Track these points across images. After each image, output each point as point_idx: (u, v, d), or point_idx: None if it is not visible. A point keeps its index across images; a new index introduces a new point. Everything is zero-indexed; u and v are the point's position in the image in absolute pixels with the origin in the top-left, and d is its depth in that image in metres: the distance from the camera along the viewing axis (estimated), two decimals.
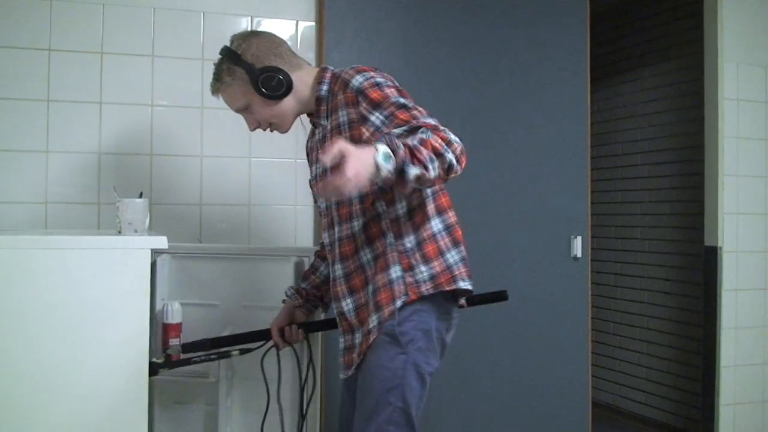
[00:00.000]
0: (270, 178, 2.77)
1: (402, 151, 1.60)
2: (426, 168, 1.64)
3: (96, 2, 2.58)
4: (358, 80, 1.87)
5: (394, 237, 1.88)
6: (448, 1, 3.00)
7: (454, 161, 1.71)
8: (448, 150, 1.70)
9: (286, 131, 2.09)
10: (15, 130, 2.50)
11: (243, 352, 2.21)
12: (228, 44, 2.01)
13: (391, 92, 1.84)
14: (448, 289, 1.87)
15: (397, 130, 1.75)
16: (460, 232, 1.94)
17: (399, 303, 1.83)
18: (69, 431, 1.82)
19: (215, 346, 2.18)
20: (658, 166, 4.32)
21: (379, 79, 1.86)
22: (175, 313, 2.40)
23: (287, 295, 2.24)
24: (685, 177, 4.09)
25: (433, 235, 1.89)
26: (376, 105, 1.84)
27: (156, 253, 2.31)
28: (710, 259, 3.49)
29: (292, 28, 2.82)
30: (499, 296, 2.29)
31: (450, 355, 2.08)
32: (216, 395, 2.37)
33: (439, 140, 1.70)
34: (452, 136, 1.74)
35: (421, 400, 1.89)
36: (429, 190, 1.90)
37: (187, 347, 2.17)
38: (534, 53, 3.10)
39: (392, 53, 2.92)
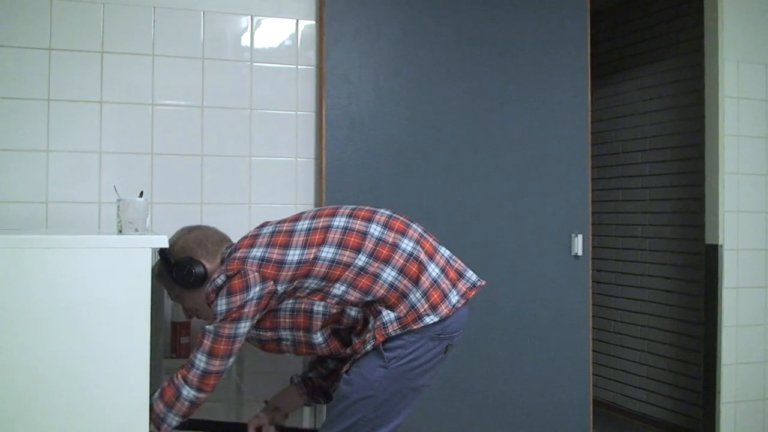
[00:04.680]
0: (270, 177, 2.77)
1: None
2: (163, 420, 1.93)
3: (96, 1, 2.58)
4: (216, 305, 1.98)
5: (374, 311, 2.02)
6: None
7: (193, 394, 1.93)
8: (183, 386, 1.93)
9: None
10: (15, 130, 2.50)
11: None
12: None
13: (217, 319, 1.96)
14: (416, 327, 1.94)
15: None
16: (415, 266, 1.99)
17: (369, 347, 1.97)
18: (69, 430, 1.82)
19: (191, 428, 2.18)
20: (658, 164, 4.32)
21: (221, 309, 1.95)
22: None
23: (293, 382, 2.29)
24: (685, 175, 4.09)
25: (391, 286, 1.97)
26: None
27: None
28: (711, 257, 3.49)
29: (292, 27, 2.82)
30: None
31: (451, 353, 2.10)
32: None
33: (176, 383, 1.94)
34: (194, 369, 1.94)
35: (399, 413, 2.02)
36: (362, 258, 1.98)
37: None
38: (534, 51, 3.10)
39: (392, 51, 2.92)
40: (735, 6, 3.47)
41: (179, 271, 2.08)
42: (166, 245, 1.93)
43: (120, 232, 1.98)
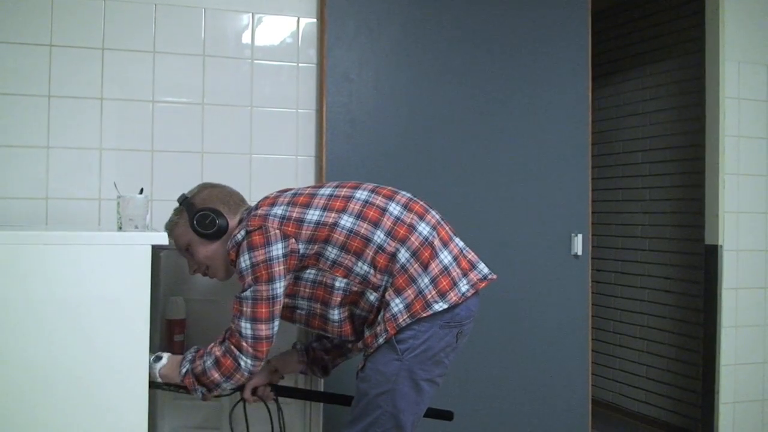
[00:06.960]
0: (271, 175, 2.77)
1: (188, 380, 2.00)
2: (218, 386, 1.99)
3: None
4: (239, 263, 1.98)
5: (382, 291, 1.99)
6: None
7: (250, 363, 1.94)
8: (240, 357, 1.94)
9: (221, 278, 2.17)
10: (16, 126, 2.50)
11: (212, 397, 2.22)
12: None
13: (247, 282, 1.96)
14: (425, 315, 1.93)
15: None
16: (428, 251, 1.98)
17: (381, 340, 1.95)
18: (68, 427, 1.82)
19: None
20: (658, 164, 4.32)
21: (245, 264, 1.95)
22: (178, 310, 2.40)
23: (295, 348, 2.29)
24: (685, 175, 4.09)
25: (402, 267, 1.96)
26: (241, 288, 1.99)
27: (157, 249, 2.31)
28: (711, 257, 3.49)
29: (293, 25, 2.82)
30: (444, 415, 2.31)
31: None
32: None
33: (233, 353, 1.94)
34: (244, 338, 1.94)
35: (418, 406, 2.01)
36: (380, 235, 1.97)
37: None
38: (535, 51, 3.10)
39: (393, 50, 2.92)
40: (736, 6, 3.47)
41: (202, 218, 2.05)
42: (166, 242, 1.93)
43: (120, 228, 1.98)
